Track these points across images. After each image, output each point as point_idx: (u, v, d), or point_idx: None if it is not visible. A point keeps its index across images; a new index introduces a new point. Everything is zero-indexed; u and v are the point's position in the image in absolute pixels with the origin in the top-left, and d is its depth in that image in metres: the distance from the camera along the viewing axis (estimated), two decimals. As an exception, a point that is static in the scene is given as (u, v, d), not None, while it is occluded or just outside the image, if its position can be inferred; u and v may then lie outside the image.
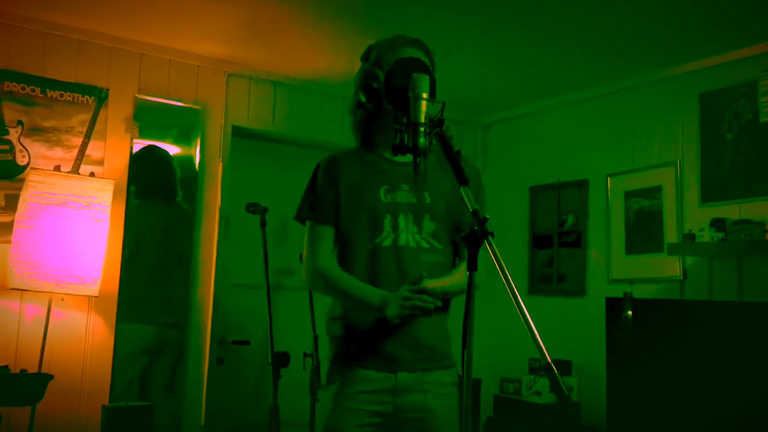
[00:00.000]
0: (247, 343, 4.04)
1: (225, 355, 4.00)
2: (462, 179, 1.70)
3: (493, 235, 1.59)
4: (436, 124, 1.84)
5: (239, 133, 4.06)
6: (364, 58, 2.17)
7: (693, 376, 3.01)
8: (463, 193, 1.66)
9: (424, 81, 1.86)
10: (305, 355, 3.78)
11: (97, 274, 3.21)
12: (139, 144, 3.72)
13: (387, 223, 2.03)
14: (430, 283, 1.96)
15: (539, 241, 4.47)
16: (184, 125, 3.87)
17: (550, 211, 4.41)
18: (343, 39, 3.46)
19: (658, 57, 3.61)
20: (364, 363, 2.01)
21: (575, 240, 4.23)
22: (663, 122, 3.79)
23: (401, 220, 2.04)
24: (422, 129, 1.82)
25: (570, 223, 4.27)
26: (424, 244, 2.05)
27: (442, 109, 1.96)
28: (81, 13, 3.33)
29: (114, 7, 3.25)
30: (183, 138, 3.88)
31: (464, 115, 4.77)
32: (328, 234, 2.09)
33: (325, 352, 2.21)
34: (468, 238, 1.60)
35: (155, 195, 3.91)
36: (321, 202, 2.09)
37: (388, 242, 2.02)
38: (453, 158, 1.75)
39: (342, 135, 4.25)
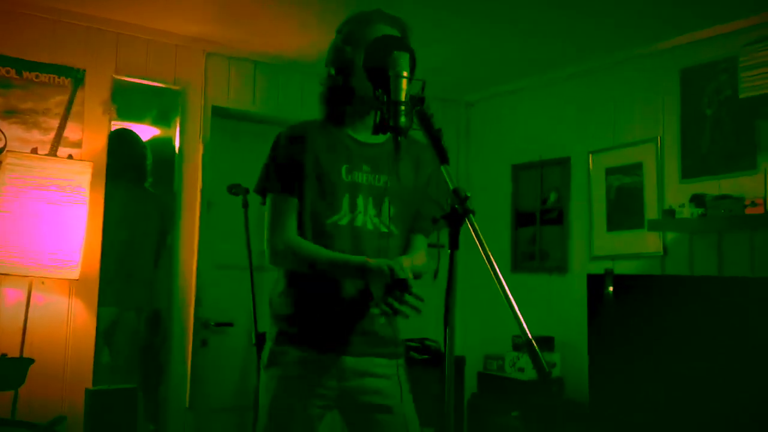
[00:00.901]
0: (231, 324, 4.04)
1: (209, 337, 4.00)
2: (443, 158, 1.69)
3: (474, 213, 1.58)
4: (417, 102, 1.83)
5: (219, 113, 4.03)
6: (339, 30, 2.14)
7: (673, 351, 3.04)
8: (444, 172, 1.65)
9: (404, 59, 1.83)
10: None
11: (77, 257, 3.18)
12: (116, 125, 3.69)
13: (345, 202, 1.99)
14: (407, 261, 1.90)
15: (522, 219, 4.48)
16: (163, 106, 3.84)
17: (532, 188, 4.42)
18: (325, 17, 3.42)
19: (639, 33, 3.61)
20: (308, 344, 1.96)
21: (557, 217, 4.25)
22: (644, 99, 3.80)
23: (360, 200, 2.01)
24: (403, 108, 1.80)
25: (552, 200, 4.29)
26: (383, 228, 2.01)
27: (423, 88, 1.94)
28: (55, -8, 3.27)
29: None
30: (162, 119, 3.85)
31: (447, 94, 4.75)
32: (293, 206, 2.01)
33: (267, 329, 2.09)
34: (449, 217, 1.59)
35: (125, 178, 3.90)
36: (287, 172, 2.01)
37: (344, 221, 1.99)
38: (434, 136, 1.73)
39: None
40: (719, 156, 3.42)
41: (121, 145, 3.85)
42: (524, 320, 1.46)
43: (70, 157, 3.45)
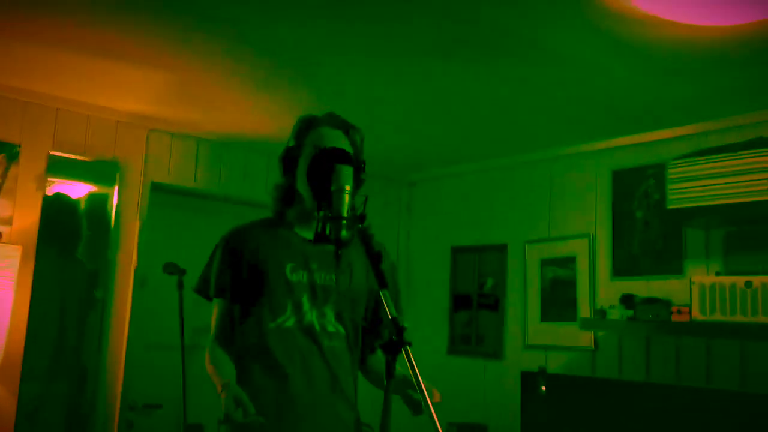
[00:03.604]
0: (160, 406, 3.92)
1: (135, 419, 3.87)
2: (382, 282, 1.71)
3: (410, 345, 1.59)
4: (358, 219, 1.85)
5: (159, 190, 3.97)
6: (293, 131, 2.15)
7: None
8: (383, 297, 1.66)
9: (347, 172, 1.86)
10: (219, 422, 3.69)
11: (1, 342, 3.05)
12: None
13: (289, 303, 1.98)
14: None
15: (459, 302, 4.53)
16: (101, 182, 3.76)
17: (470, 272, 4.48)
18: (269, 95, 3.43)
19: (572, 134, 3.75)
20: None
21: (494, 303, 4.31)
22: (579, 195, 3.92)
23: (305, 300, 1.99)
24: (344, 222, 1.82)
25: (489, 285, 4.35)
26: (330, 328, 2.01)
27: (365, 203, 1.97)
28: (-6, 68, 3.20)
29: (30, 63, 3.14)
30: (99, 195, 3.77)
31: (390, 173, 4.81)
32: (221, 309, 2.04)
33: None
34: (386, 347, 1.60)
35: (57, 246, 3.78)
36: (217, 278, 2.03)
37: (290, 323, 1.98)
38: (374, 260, 1.75)
39: (266, 191, 4.21)
40: (648, 257, 3.54)
41: (56, 210, 3.73)
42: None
43: (-1, 235, 3.34)
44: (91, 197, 3.80)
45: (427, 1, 2.30)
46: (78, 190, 3.76)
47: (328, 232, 1.84)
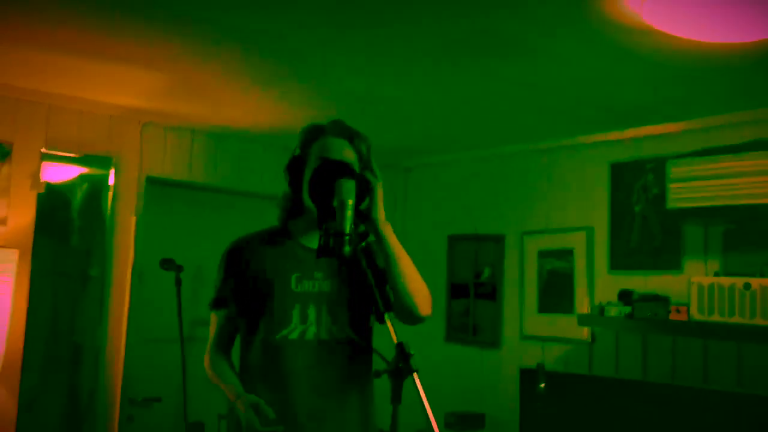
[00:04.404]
0: (159, 399, 3.94)
1: (135, 412, 3.89)
2: (387, 305, 1.70)
3: (417, 371, 1.59)
4: (362, 236, 1.83)
5: (155, 183, 3.93)
6: (298, 140, 2.11)
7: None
8: (388, 322, 1.66)
9: (348, 186, 1.84)
10: (220, 417, 3.72)
11: (1, 348, 3.05)
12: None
13: (295, 313, 1.97)
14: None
15: (456, 290, 4.54)
16: (95, 178, 3.72)
17: (467, 261, 4.48)
18: (262, 86, 3.36)
19: (572, 126, 3.72)
20: None
21: (491, 292, 4.33)
22: (578, 187, 3.91)
23: (311, 311, 1.99)
24: (347, 237, 1.80)
25: (486, 275, 4.36)
26: (338, 336, 1.99)
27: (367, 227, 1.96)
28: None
29: (20, 63, 3.07)
30: (94, 192, 3.73)
31: (385, 159, 4.75)
32: (221, 320, 2.05)
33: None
34: (393, 373, 1.60)
35: (53, 238, 3.74)
36: (219, 290, 2.03)
37: (294, 335, 1.97)
38: (378, 279, 1.74)
39: (261, 183, 4.19)
40: (646, 252, 3.55)
41: (50, 206, 3.69)
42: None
43: (-6, 238, 3.30)
44: (86, 193, 3.75)
45: (434, 6, 2.24)
46: (72, 186, 3.71)
47: (331, 245, 1.83)
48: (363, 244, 1.86)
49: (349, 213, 1.80)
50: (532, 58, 2.67)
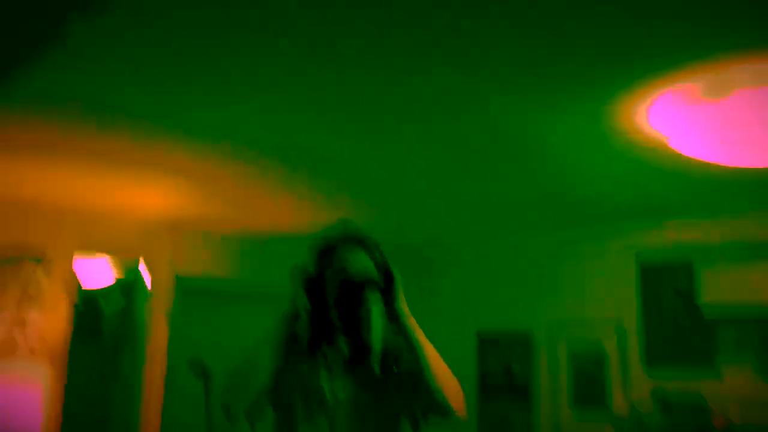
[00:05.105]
0: None
1: None
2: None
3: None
4: (392, 359, 1.79)
5: (185, 286, 3.96)
6: (310, 258, 2.08)
7: None
8: None
9: (375, 298, 1.79)
10: None
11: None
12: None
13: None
14: None
15: (486, 391, 4.40)
16: (127, 281, 3.77)
17: (496, 359, 4.38)
18: (293, 194, 3.44)
19: (601, 225, 3.71)
20: None
21: (522, 389, 4.21)
22: (607, 282, 3.85)
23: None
24: (375, 355, 1.78)
25: (516, 372, 4.25)
26: None
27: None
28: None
29: (54, 175, 3.14)
30: (125, 295, 3.77)
31: (404, 247, 4.73)
32: None
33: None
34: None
35: (85, 340, 3.77)
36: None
37: None
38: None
39: (288, 280, 4.19)
40: (679, 352, 3.46)
41: (83, 309, 3.74)
42: None
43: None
44: (118, 295, 3.80)
45: (446, 106, 2.29)
46: (104, 290, 3.76)
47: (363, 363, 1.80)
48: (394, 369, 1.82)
49: (379, 325, 1.80)
50: (551, 163, 2.68)
